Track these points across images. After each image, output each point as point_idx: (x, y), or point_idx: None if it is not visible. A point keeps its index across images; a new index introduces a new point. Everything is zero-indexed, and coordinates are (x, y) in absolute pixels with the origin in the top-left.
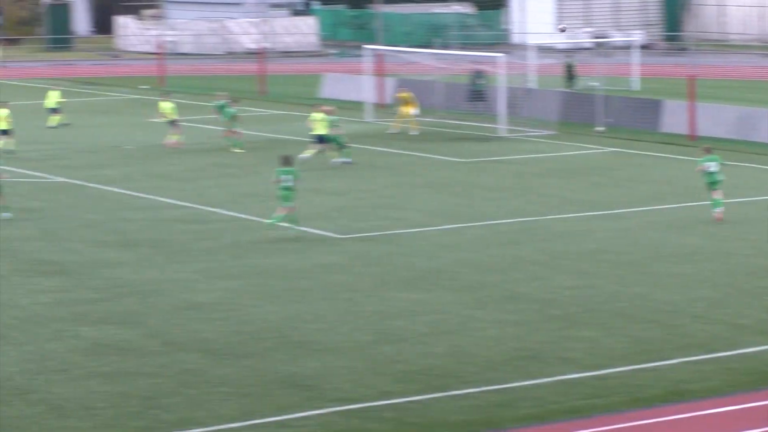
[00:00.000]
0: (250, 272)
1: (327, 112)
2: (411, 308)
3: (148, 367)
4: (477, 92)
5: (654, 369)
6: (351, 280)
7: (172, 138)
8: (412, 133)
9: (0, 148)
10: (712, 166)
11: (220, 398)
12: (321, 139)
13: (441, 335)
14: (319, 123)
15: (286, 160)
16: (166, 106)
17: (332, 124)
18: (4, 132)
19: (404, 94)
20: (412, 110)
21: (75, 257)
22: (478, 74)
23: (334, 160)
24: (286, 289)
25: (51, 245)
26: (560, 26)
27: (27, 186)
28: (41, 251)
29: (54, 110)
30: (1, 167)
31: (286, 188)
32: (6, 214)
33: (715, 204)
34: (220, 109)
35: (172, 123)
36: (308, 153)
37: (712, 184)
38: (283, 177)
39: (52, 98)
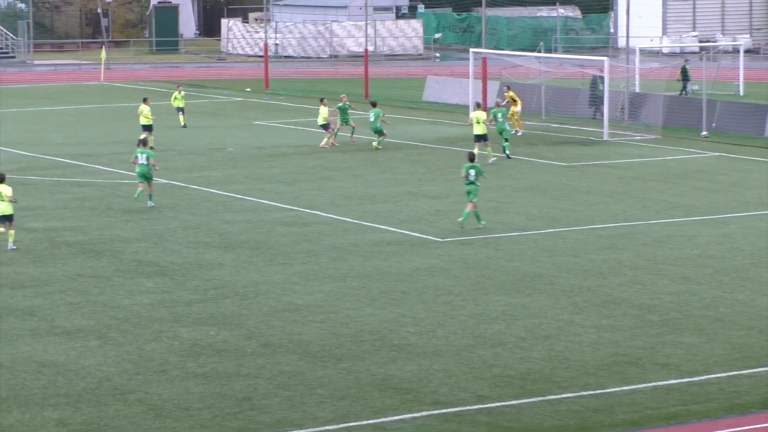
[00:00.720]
0: (349, 275)
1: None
2: (509, 312)
3: (246, 369)
4: (598, 97)
5: (752, 375)
6: (450, 283)
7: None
8: (517, 132)
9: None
10: None
11: (317, 400)
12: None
13: (538, 339)
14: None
15: (470, 157)
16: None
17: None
18: (146, 127)
19: (510, 93)
20: (517, 108)
21: (175, 258)
22: (599, 79)
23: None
24: (384, 292)
25: (152, 246)
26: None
27: (130, 187)
28: (143, 252)
29: (180, 109)
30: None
31: (470, 183)
32: (151, 203)
33: None
34: (343, 112)
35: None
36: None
37: None
38: (468, 172)
39: (179, 98)
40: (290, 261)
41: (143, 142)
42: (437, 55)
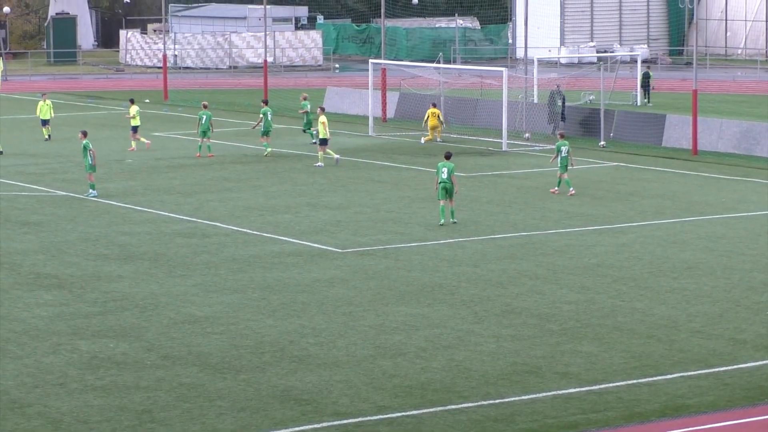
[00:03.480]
0: (249, 286)
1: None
2: (409, 323)
3: (145, 381)
4: (556, 113)
5: (652, 384)
6: (350, 294)
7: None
8: (430, 141)
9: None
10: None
11: (217, 412)
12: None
13: (439, 350)
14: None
15: (446, 155)
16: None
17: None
18: (136, 129)
19: (433, 109)
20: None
21: (74, 271)
22: (557, 94)
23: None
24: (284, 303)
25: (51, 259)
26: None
27: (27, 200)
28: (41, 264)
29: (45, 122)
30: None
31: (443, 181)
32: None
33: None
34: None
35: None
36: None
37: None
38: (441, 170)
39: (45, 109)
40: (190, 273)
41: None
42: (337, 66)
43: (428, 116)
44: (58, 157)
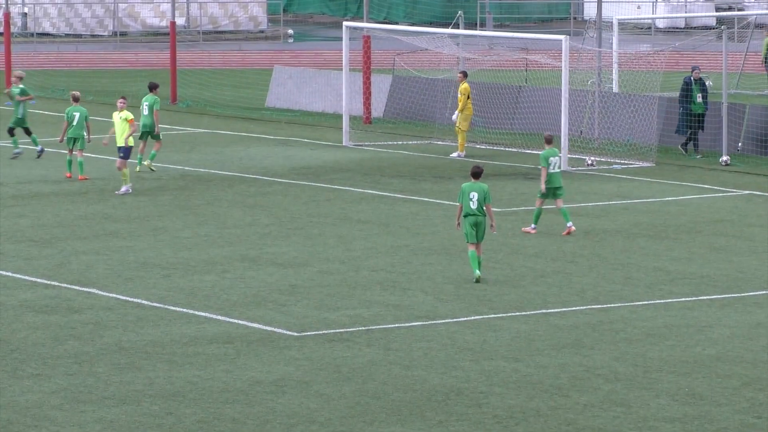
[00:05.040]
0: (146, 394)
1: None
2: None
3: None
4: (696, 115)
5: None
6: (312, 406)
7: None
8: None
9: None
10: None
11: None
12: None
13: None
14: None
15: (474, 172)
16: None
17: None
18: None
19: (464, 85)
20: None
21: None
22: (697, 81)
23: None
24: (203, 422)
25: None
26: None
27: None
28: None
29: None
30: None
31: (473, 214)
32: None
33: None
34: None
35: None
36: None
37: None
38: (470, 197)
39: None
40: (48, 372)
41: None
42: (290, 32)
43: (463, 101)
44: None
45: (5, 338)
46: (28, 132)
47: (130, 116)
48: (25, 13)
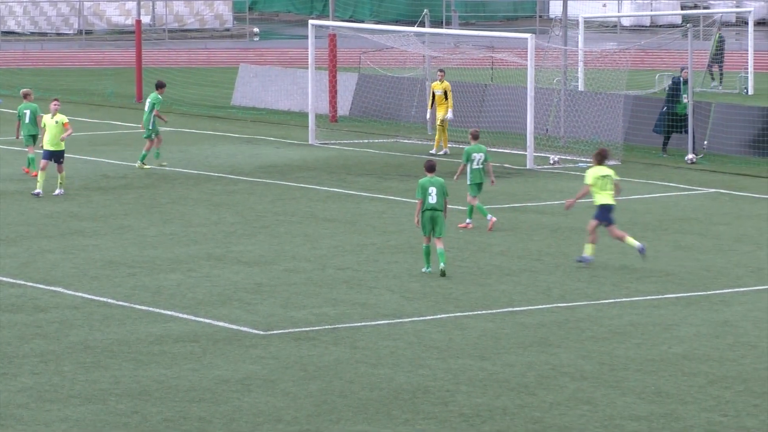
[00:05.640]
0: (113, 392)
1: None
2: None
3: None
4: (674, 118)
5: None
6: (278, 405)
7: None
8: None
9: None
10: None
11: None
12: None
13: None
14: None
15: (428, 166)
16: None
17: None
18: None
19: (440, 84)
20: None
21: None
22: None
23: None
24: (170, 420)
25: None
26: None
27: None
28: None
29: None
30: None
31: (431, 208)
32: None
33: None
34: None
35: None
36: None
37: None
38: (428, 191)
39: None
40: (14, 370)
41: None
42: (256, 30)
43: (435, 97)
44: None
45: None
46: None
47: (65, 119)
48: None
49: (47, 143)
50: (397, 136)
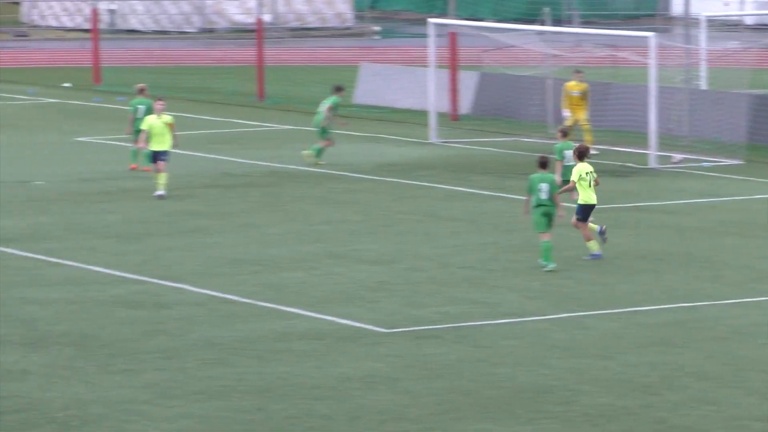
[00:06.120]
0: (236, 389)
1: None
2: None
3: None
4: None
5: None
6: (401, 402)
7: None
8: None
9: None
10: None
11: None
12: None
13: None
14: None
15: (541, 162)
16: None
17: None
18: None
19: (578, 84)
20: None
21: None
22: None
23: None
24: (293, 418)
25: None
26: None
27: None
28: None
29: None
30: None
31: (541, 204)
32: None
33: None
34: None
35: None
36: None
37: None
38: (538, 188)
39: None
40: (138, 367)
41: None
42: (377, 29)
43: (571, 98)
44: None
45: (95, 333)
46: None
47: (171, 119)
48: (113, 10)
49: (153, 143)
50: (519, 135)
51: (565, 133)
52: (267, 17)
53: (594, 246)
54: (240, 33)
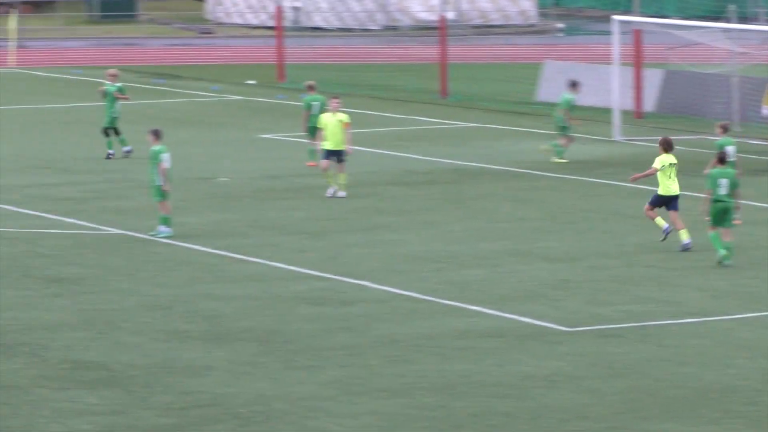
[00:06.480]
0: (418, 386)
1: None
2: None
3: None
4: None
5: None
6: (584, 401)
7: None
8: None
9: None
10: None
11: None
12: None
13: None
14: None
15: (720, 158)
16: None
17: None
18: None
19: None
20: None
21: (134, 357)
22: None
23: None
24: (475, 415)
25: (97, 338)
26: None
27: (58, 241)
28: (81, 347)
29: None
30: None
31: (719, 200)
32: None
33: None
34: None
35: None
36: None
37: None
38: (718, 183)
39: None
40: (321, 363)
41: None
42: (560, 26)
43: None
44: (109, 172)
45: (279, 329)
46: (116, 132)
47: (347, 118)
48: (297, 7)
49: (328, 143)
50: (704, 134)
51: (725, 129)
52: (450, 15)
53: (684, 235)
54: (423, 30)
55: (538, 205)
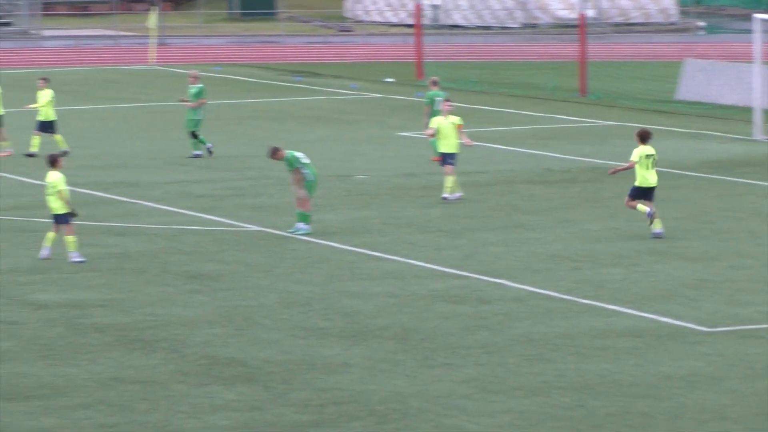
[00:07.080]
0: (555, 386)
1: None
2: None
3: None
4: None
5: None
6: (724, 402)
7: None
8: None
9: None
10: None
11: None
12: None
13: None
14: None
15: None
16: None
17: None
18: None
19: None
20: None
21: (272, 354)
22: None
23: None
24: (613, 415)
25: (235, 334)
26: None
27: (197, 238)
28: (219, 343)
29: None
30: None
31: None
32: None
33: None
34: None
35: None
36: None
37: None
38: None
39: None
40: (458, 361)
41: None
42: (701, 24)
43: None
44: (247, 169)
45: (416, 327)
46: (194, 136)
47: (459, 120)
48: (436, 6)
49: (441, 145)
50: None
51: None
52: (590, 13)
53: (657, 224)
54: (562, 28)
55: (677, 204)
